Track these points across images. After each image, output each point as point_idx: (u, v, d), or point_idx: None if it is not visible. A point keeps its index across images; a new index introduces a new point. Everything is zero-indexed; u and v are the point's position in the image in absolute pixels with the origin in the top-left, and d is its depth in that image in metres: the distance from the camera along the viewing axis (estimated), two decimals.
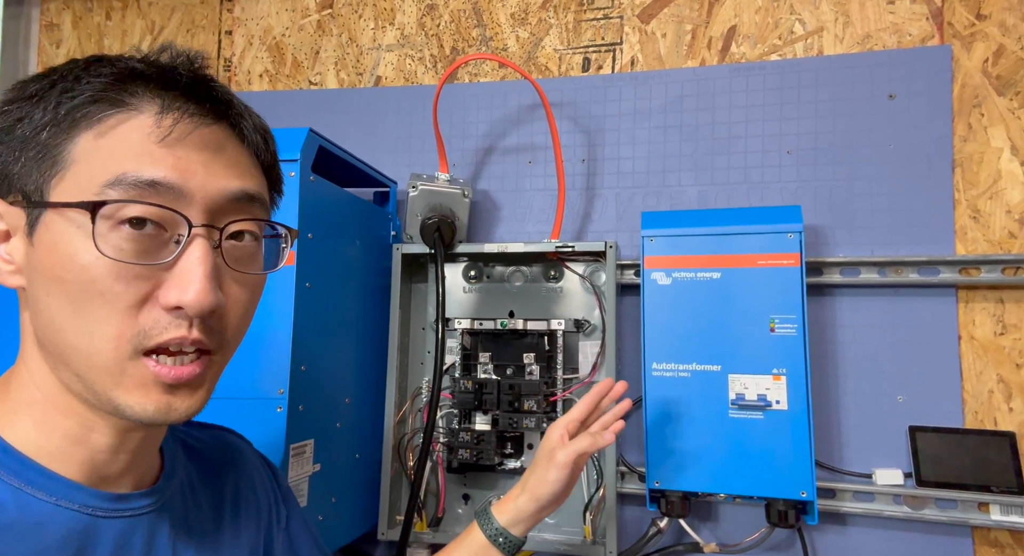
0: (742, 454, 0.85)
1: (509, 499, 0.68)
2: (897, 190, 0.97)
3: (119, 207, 0.38)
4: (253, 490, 0.57)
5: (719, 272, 0.89)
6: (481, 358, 1.00)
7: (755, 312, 0.87)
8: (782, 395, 0.85)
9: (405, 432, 1.00)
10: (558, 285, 1.02)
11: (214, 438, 0.58)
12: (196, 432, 0.56)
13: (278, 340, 0.75)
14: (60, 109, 0.39)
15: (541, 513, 0.67)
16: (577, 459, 0.66)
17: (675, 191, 1.07)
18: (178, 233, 0.40)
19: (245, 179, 0.44)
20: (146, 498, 0.46)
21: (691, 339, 0.89)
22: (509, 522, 0.66)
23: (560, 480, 0.66)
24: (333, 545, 0.86)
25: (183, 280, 0.39)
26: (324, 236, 0.84)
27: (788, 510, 0.85)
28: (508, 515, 0.66)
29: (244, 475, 0.57)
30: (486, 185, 1.14)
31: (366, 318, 0.98)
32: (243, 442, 0.60)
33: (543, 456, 0.68)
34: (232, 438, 0.60)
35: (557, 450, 0.67)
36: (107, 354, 0.38)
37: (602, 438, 0.68)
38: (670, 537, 0.96)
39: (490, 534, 0.66)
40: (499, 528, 0.66)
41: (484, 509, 0.68)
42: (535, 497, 0.66)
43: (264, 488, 0.59)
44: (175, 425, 0.54)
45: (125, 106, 0.39)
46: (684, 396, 0.87)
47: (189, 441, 0.55)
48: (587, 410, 0.72)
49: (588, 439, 0.68)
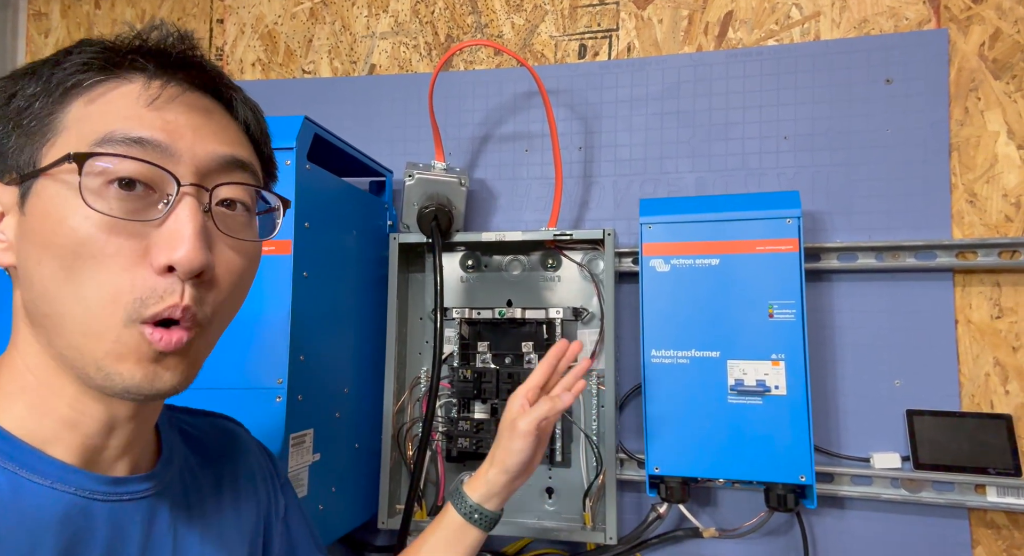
0: (741, 439, 0.85)
1: (479, 475, 0.67)
2: (894, 175, 0.97)
3: (108, 165, 0.38)
4: (252, 478, 0.57)
5: (718, 258, 0.89)
6: (479, 347, 0.99)
7: (754, 298, 0.87)
8: (781, 380, 0.85)
9: (404, 422, 1.00)
10: (556, 274, 1.02)
11: (212, 425, 0.57)
12: (193, 419, 0.56)
13: (276, 329, 0.75)
14: (52, 80, 0.39)
15: (513, 484, 0.67)
16: (539, 425, 0.66)
17: (672, 178, 1.06)
18: (167, 193, 0.39)
19: (235, 146, 0.43)
20: (144, 482, 0.45)
21: (690, 325, 0.89)
22: (482, 497, 0.66)
23: (526, 448, 0.65)
24: (334, 534, 0.86)
25: (172, 238, 0.38)
26: (321, 225, 0.83)
27: (787, 494, 0.86)
28: (480, 490, 0.66)
29: (243, 462, 0.57)
30: (483, 174, 1.13)
31: (364, 308, 0.97)
32: (241, 429, 0.60)
33: (506, 427, 0.67)
34: (230, 425, 0.59)
35: (518, 419, 0.66)
36: (102, 319, 0.38)
37: (560, 400, 0.67)
38: (670, 523, 0.97)
39: (465, 512, 0.65)
40: (473, 504, 0.66)
41: (456, 489, 0.68)
42: (504, 468, 0.66)
43: (263, 477, 0.58)
44: (172, 411, 0.54)
45: (115, 74, 0.40)
46: (683, 382, 0.87)
47: (186, 428, 0.54)
48: (545, 375, 0.70)
49: (547, 403, 0.67)
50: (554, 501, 0.97)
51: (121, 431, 0.44)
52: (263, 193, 0.46)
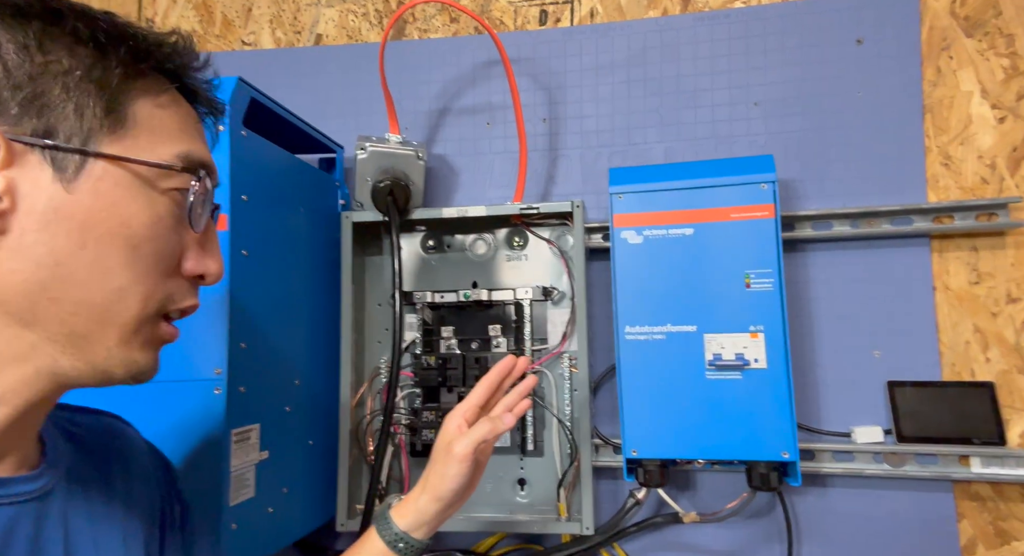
0: (721, 417, 0.81)
1: (410, 500, 0.61)
2: (867, 139, 0.94)
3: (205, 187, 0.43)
4: (145, 479, 0.52)
5: (692, 228, 0.84)
6: (444, 333, 0.93)
7: (730, 268, 0.83)
8: (760, 353, 0.81)
9: (364, 415, 0.93)
10: (523, 252, 0.96)
11: (96, 423, 0.51)
12: (75, 416, 0.50)
13: (212, 313, 0.67)
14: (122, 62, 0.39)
15: (446, 512, 0.61)
16: (477, 448, 0.60)
17: (641, 149, 1.01)
18: None
19: None
20: (29, 483, 0.41)
21: (665, 299, 0.84)
22: (410, 525, 0.60)
23: (461, 475, 0.59)
24: (287, 538, 0.78)
25: (211, 251, 0.44)
26: (262, 200, 0.76)
27: (770, 472, 0.82)
28: (408, 518, 0.60)
29: (133, 462, 0.51)
30: (442, 150, 1.07)
31: (316, 294, 0.90)
32: (130, 429, 0.54)
33: (440, 450, 0.61)
34: (118, 424, 0.53)
35: (455, 442, 0.60)
36: (133, 311, 0.39)
37: (502, 422, 0.61)
38: (648, 509, 0.92)
39: (389, 540, 0.59)
40: (399, 533, 0.60)
41: (383, 512, 0.62)
42: (437, 496, 0.60)
43: (157, 480, 0.53)
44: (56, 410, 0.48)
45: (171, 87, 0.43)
46: (659, 359, 0.83)
47: (68, 427, 0.49)
48: (486, 394, 0.65)
49: (487, 425, 0.61)
50: (527, 492, 0.92)
51: (20, 426, 0.39)
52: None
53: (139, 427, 0.64)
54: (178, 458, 0.64)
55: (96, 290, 0.38)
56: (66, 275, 0.37)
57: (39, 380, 0.39)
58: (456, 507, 0.62)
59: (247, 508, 0.69)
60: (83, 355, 0.39)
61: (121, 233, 0.38)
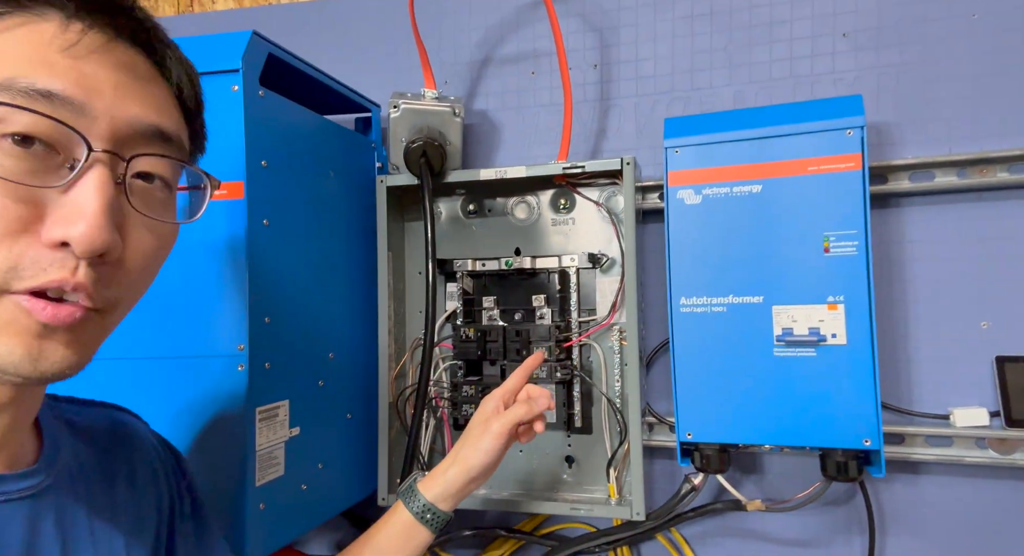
0: (790, 398, 0.72)
1: (438, 473, 0.64)
2: (981, 71, 0.78)
3: (2, 115, 0.32)
4: (153, 473, 0.50)
5: (759, 184, 0.74)
6: (485, 303, 0.87)
7: (805, 230, 0.72)
8: (839, 327, 0.70)
9: (404, 387, 0.90)
10: (570, 215, 0.88)
11: (104, 416, 0.49)
12: (81, 409, 0.48)
13: (232, 287, 0.64)
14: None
15: (469, 486, 0.64)
16: (512, 428, 0.64)
17: (706, 94, 0.90)
18: (74, 158, 0.34)
19: (162, 113, 0.38)
20: (23, 481, 0.38)
21: (726, 267, 0.74)
22: (437, 496, 0.63)
23: (494, 450, 0.64)
24: (323, 516, 0.77)
25: (73, 211, 0.33)
26: (284, 165, 0.71)
27: (848, 461, 0.72)
28: (437, 489, 0.63)
29: (141, 456, 0.49)
30: (484, 104, 0.99)
31: (351, 263, 0.86)
32: (139, 421, 0.52)
33: (477, 425, 0.65)
34: (125, 416, 0.51)
35: (492, 419, 0.65)
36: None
37: (538, 403, 0.66)
38: (707, 494, 0.85)
39: (416, 510, 0.63)
40: (426, 503, 0.63)
41: (409, 486, 0.65)
42: (467, 468, 0.63)
43: (165, 472, 0.51)
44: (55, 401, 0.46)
45: (25, 7, 0.34)
46: (719, 334, 0.74)
47: (74, 419, 0.46)
48: (523, 381, 0.69)
49: (524, 406, 0.65)
50: (574, 471, 0.86)
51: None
52: (188, 169, 0.42)
53: (160, 405, 0.63)
54: (201, 437, 0.63)
55: None
56: None
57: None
58: (479, 483, 0.65)
59: (276, 487, 0.67)
60: None
61: None
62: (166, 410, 0.62)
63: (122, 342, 0.64)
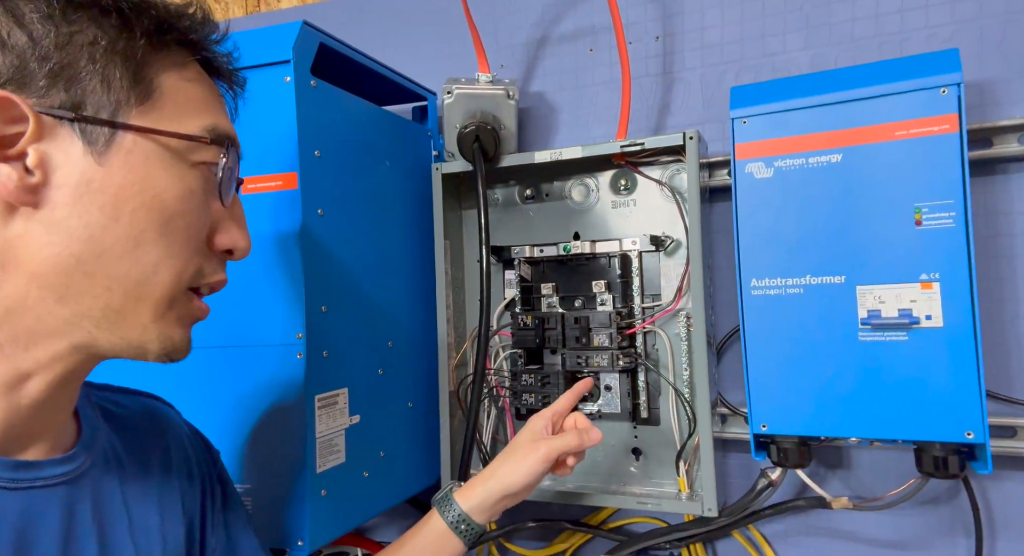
0: (880, 388, 0.65)
1: (477, 483, 0.64)
2: None
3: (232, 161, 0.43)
4: (186, 461, 0.51)
5: (839, 153, 0.67)
6: (543, 290, 0.85)
7: (893, 201, 0.65)
8: (935, 308, 0.63)
9: (466, 375, 0.89)
10: (630, 196, 0.84)
11: (139, 404, 0.50)
12: (116, 397, 0.50)
13: (288, 277, 0.65)
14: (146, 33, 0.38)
15: (504, 502, 0.64)
16: (558, 456, 0.64)
17: (780, 61, 0.83)
18: None
19: None
20: (60, 466, 0.40)
21: (803, 245, 0.68)
22: (473, 508, 0.63)
23: (537, 473, 0.63)
24: (386, 503, 0.77)
25: (239, 226, 0.44)
26: (337, 154, 0.72)
27: (948, 456, 0.65)
28: (475, 500, 0.63)
29: (174, 444, 0.50)
30: (540, 85, 0.96)
31: (409, 252, 0.86)
32: (172, 410, 0.54)
33: (525, 443, 0.64)
34: (159, 405, 0.52)
35: (542, 442, 0.63)
36: (167, 285, 0.39)
37: (589, 437, 0.65)
38: (788, 488, 0.79)
39: (452, 520, 0.62)
40: (462, 513, 0.62)
41: (445, 495, 0.65)
42: (505, 485, 0.62)
43: (198, 462, 0.52)
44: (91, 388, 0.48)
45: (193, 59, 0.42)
46: (795, 318, 0.68)
47: (109, 406, 0.48)
48: (572, 405, 0.69)
49: (576, 438, 0.64)
50: (641, 463, 0.83)
51: (53, 405, 0.39)
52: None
53: (221, 394, 0.65)
54: (262, 425, 0.64)
55: (130, 264, 0.37)
56: (100, 249, 0.37)
57: (73, 355, 0.38)
58: (512, 502, 0.64)
59: (337, 474, 0.68)
60: (118, 330, 0.38)
61: (154, 206, 0.38)
62: (227, 398, 0.64)
63: None
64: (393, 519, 0.97)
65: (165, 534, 0.46)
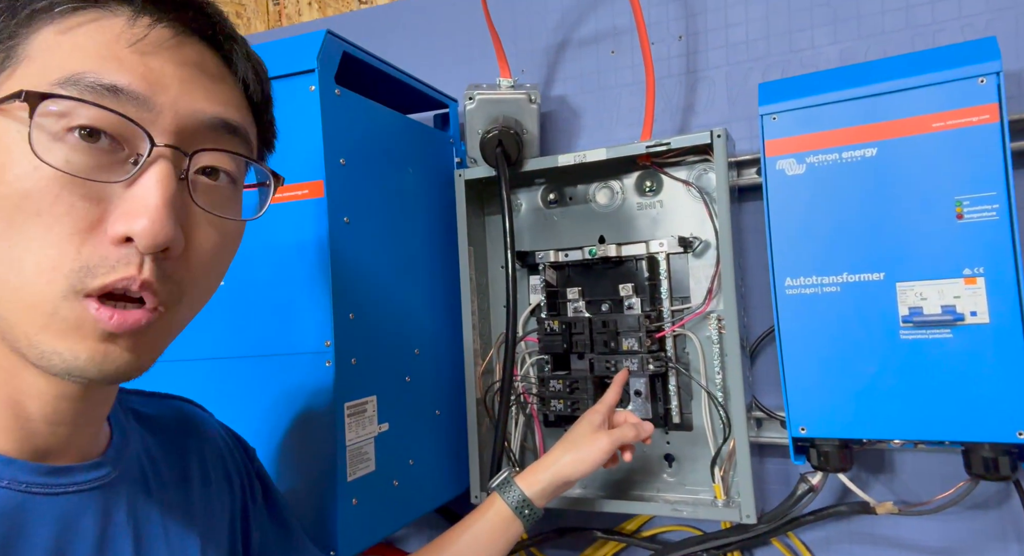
0: (924, 387, 0.63)
1: (540, 470, 0.66)
2: None
3: (68, 109, 0.32)
4: (222, 461, 0.50)
5: (874, 147, 0.65)
6: (570, 295, 0.84)
7: (932, 194, 0.63)
8: (980, 304, 0.61)
9: (492, 382, 0.88)
10: (656, 198, 0.83)
11: (171, 408, 0.50)
12: (150, 401, 0.49)
13: (316, 285, 0.65)
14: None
15: (560, 490, 0.67)
16: (618, 447, 0.67)
17: (807, 56, 0.82)
18: (137, 153, 0.34)
19: (227, 107, 0.38)
20: (94, 471, 0.39)
21: (838, 242, 0.66)
22: (536, 494, 0.65)
23: (597, 463, 0.66)
24: (416, 511, 0.76)
25: (135, 206, 0.33)
26: (363, 163, 0.72)
27: (998, 457, 0.62)
28: (537, 486, 0.65)
29: (209, 445, 0.49)
30: (562, 89, 0.95)
31: (434, 259, 0.85)
32: (205, 413, 0.53)
33: (587, 434, 0.67)
34: (192, 408, 0.52)
35: (603, 434, 0.67)
36: (37, 288, 0.32)
37: (643, 429, 0.70)
38: (828, 496, 0.76)
39: (515, 504, 0.64)
40: (525, 497, 0.64)
41: (505, 481, 0.66)
42: (566, 474, 0.65)
43: (235, 461, 0.52)
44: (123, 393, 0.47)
45: (97, 4, 0.34)
46: (832, 317, 0.66)
47: (142, 410, 0.47)
48: (619, 397, 0.73)
49: (633, 430, 0.69)
50: (675, 470, 0.81)
51: (68, 420, 0.37)
52: (255, 166, 0.41)
53: (251, 403, 0.64)
54: (292, 433, 0.64)
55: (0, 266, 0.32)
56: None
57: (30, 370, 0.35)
58: (565, 489, 0.67)
59: (368, 482, 0.67)
60: (18, 346, 0.33)
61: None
62: (257, 407, 0.64)
63: (211, 343, 0.66)
64: (421, 529, 0.96)
65: (205, 537, 0.45)
